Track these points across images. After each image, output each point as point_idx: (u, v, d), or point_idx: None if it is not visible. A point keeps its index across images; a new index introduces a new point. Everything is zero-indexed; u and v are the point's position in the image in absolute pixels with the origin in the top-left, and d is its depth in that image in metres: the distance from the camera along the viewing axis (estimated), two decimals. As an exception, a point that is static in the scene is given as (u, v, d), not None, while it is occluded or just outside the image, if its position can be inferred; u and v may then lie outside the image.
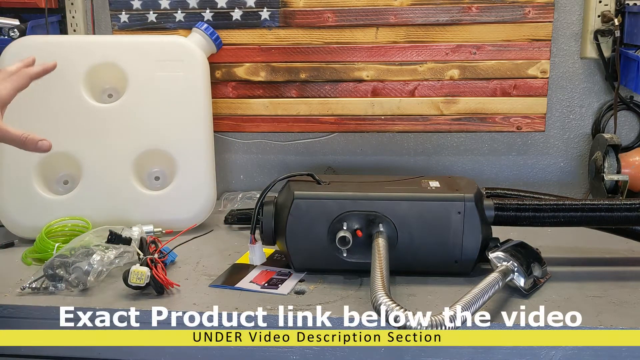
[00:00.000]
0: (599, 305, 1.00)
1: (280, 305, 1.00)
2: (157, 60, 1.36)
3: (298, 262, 1.11)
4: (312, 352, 0.98)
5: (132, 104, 1.35)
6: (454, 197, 1.07)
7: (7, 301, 1.03)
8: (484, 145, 1.56)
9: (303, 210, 1.08)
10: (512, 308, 0.99)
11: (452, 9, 1.45)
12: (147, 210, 1.33)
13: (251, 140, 1.59)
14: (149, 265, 1.06)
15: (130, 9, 1.51)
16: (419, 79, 1.49)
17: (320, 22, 1.48)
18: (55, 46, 1.37)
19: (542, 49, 1.45)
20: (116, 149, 1.34)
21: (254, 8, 1.49)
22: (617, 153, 1.42)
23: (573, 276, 1.11)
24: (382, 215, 1.07)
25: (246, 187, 1.60)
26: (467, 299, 0.89)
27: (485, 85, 1.48)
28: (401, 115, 1.51)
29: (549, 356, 0.94)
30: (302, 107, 1.53)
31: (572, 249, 1.23)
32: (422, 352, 0.97)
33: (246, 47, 1.51)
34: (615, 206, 1.10)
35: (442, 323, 0.83)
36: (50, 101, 1.33)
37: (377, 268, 0.95)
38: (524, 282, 1.02)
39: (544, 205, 1.11)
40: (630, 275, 1.12)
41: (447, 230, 1.07)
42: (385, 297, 0.86)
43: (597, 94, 1.51)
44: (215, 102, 1.48)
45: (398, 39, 1.48)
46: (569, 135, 1.54)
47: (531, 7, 1.43)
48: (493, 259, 1.04)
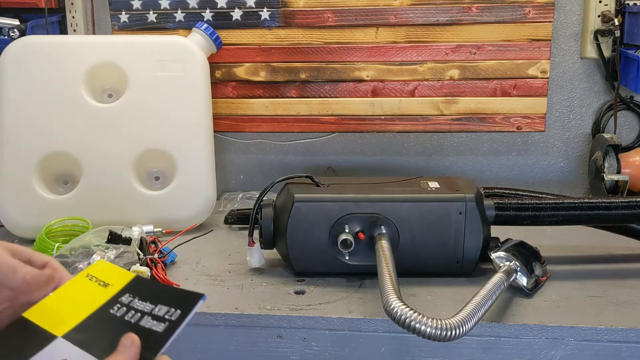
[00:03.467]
0: (599, 305, 1.00)
1: (281, 305, 1.00)
2: (157, 60, 1.36)
3: (299, 266, 1.10)
4: (312, 352, 0.98)
5: (132, 104, 1.35)
6: (455, 198, 1.07)
7: (7, 301, 1.03)
8: (484, 145, 1.56)
9: (304, 213, 1.07)
10: (512, 308, 0.99)
11: (452, 9, 1.45)
12: (147, 210, 1.32)
13: (251, 140, 1.59)
14: (149, 265, 1.07)
15: (130, 9, 1.51)
16: (419, 79, 1.49)
17: (320, 22, 1.48)
18: (55, 46, 1.37)
19: (542, 49, 1.45)
20: (116, 149, 1.34)
21: (254, 8, 1.49)
22: (617, 153, 1.42)
23: (573, 275, 1.11)
24: (384, 217, 1.06)
25: (246, 187, 1.59)
26: (476, 301, 0.88)
27: (485, 85, 1.48)
28: (401, 115, 1.51)
29: (549, 356, 0.95)
30: (302, 107, 1.53)
31: (571, 248, 1.23)
32: (422, 352, 0.97)
33: (246, 47, 1.51)
34: (614, 204, 1.10)
35: (455, 327, 0.82)
36: (50, 101, 1.33)
37: (385, 271, 0.94)
38: (526, 281, 1.02)
39: (544, 204, 1.11)
40: (630, 274, 1.12)
41: (449, 231, 1.07)
42: (397, 301, 0.85)
43: (597, 94, 1.51)
44: (215, 102, 1.48)
45: (398, 39, 1.48)
46: (569, 135, 1.54)
47: (531, 7, 1.43)
48: (495, 259, 1.03)
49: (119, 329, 0.64)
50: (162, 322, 0.64)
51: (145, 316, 0.65)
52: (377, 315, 0.96)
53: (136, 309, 0.66)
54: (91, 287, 0.70)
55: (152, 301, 0.66)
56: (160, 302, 0.66)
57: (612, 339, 0.93)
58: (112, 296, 0.68)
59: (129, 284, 0.70)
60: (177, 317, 0.64)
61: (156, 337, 0.63)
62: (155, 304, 0.66)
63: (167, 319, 0.64)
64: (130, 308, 0.66)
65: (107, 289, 0.69)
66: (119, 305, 0.67)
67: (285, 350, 0.98)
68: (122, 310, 0.66)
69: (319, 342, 0.98)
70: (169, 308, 0.65)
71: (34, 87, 1.34)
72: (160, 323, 0.64)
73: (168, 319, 0.64)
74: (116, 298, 0.68)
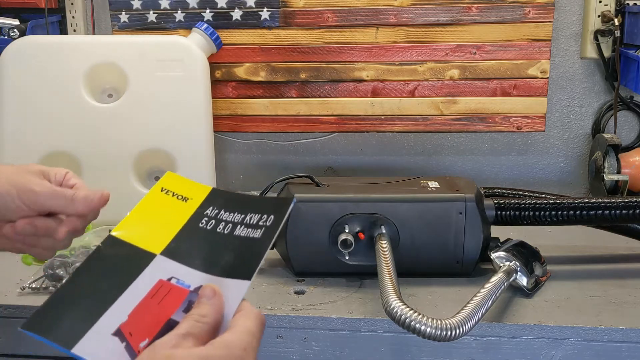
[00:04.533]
0: (599, 305, 1.00)
1: (281, 305, 1.00)
2: (157, 60, 1.36)
3: (299, 266, 1.10)
4: (312, 352, 0.98)
5: (132, 103, 1.35)
6: (455, 198, 1.07)
7: (7, 301, 1.03)
8: (484, 145, 1.56)
9: (304, 213, 1.07)
10: (512, 308, 0.99)
11: (452, 9, 1.45)
12: (147, 210, 1.32)
13: (251, 140, 1.59)
14: (149, 265, 1.06)
15: (130, 9, 1.51)
16: (419, 79, 1.49)
17: (320, 22, 1.48)
18: (55, 46, 1.37)
19: (542, 49, 1.45)
20: (116, 148, 1.34)
21: (254, 8, 1.49)
22: (617, 153, 1.42)
23: (573, 275, 1.11)
24: (384, 217, 1.06)
25: (246, 187, 1.59)
26: (476, 301, 0.88)
27: (485, 85, 1.48)
28: (401, 115, 1.51)
29: (549, 356, 0.95)
30: (302, 107, 1.53)
31: (571, 248, 1.23)
32: (422, 352, 0.97)
33: (246, 47, 1.51)
34: (614, 204, 1.10)
35: (455, 327, 0.82)
36: (50, 101, 1.33)
37: (385, 271, 0.94)
38: (526, 281, 1.02)
39: (544, 204, 1.11)
40: (630, 274, 1.12)
41: (449, 231, 1.07)
42: (397, 301, 0.85)
43: (597, 94, 1.51)
44: (215, 102, 1.48)
45: (398, 39, 1.48)
46: (569, 135, 1.54)
47: (531, 7, 1.43)
48: (495, 259, 1.03)
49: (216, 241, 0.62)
50: (258, 228, 0.62)
51: (239, 226, 0.63)
52: (377, 315, 0.96)
53: (227, 221, 0.64)
54: (170, 201, 0.68)
55: (240, 211, 0.64)
56: (250, 211, 0.64)
57: (612, 339, 0.93)
58: (195, 210, 0.66)
59: (209, 196, 0.67)
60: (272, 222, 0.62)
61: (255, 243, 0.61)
62: (245, 213, 0.64)
63: (262, 225, 0.62)
64: (220, 220, 0.64)
65: (187, 203, 0.67)
66: (206, 218, 0.65)
67: (285, 350, 0.98)
68: (212, 223, 0.64)
69: (319, 342, 0.98)
70: (261, 215, 0.63)
71: (34, 87, 1.34)
72: (257, 230, 0.62)
73: (263, 225, 0.62)
74: (201, 212, 0.65)
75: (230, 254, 0.61)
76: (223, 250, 0.62)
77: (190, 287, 0.59)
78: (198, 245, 0.63)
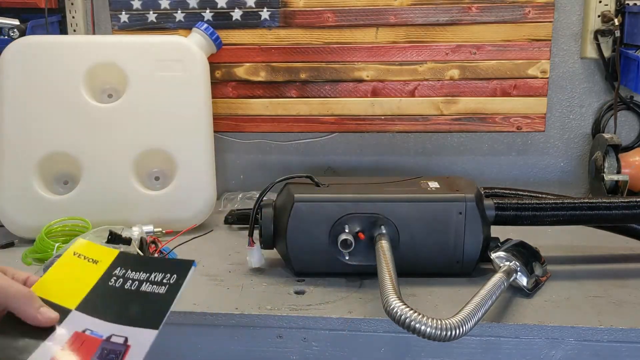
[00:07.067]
0: (599, 305, 1.00)
1: (281, 305, 1.00)
2: (157, 60, 1.36)
3: (299, 266, 1.10)
4: (312, 352, 0.98)
5: (132, 103, 1.35)
6: (455, 198, 1.07)
7: (7, 301, 1.03)
8: (484, 145, 1.56)
9: (304, 213, 1.07)
10: (512, 308, 0.99)
11: (452, 9, 1.45)
12: (147, 210, 1.32)
13: (251, 140, 1.59)
14: (149, 265, 1.06)
15: (130, 9, 1.51)
16: (419, 79, 1.49)
17: (320, 22, 1.48)
18: (55, 46, 1.37)
19: (542, 49, 1.45)
20: (116, 149, 1.34)
21: (254, 8, 1.49)
22: (617, 153, 1.42)
23: (573, 275, 1.11)
24: (384, 217, 1.06)
25: (246, 187, 1.59)
26: (476, 301, 0.88)
27: (485, 85, 1.48)
28: (401, 115, 1.51)
29: (549, 356, 0.95)
30: (302, 107, 1.53)
31: (571, 248, 1.23)
32: (422, 352, 0.97)
33: (246, 47, 1.51)
34: (614, 204, 1.10)
35: (455, 327, 0.82)
36: (50, 101, 1.33)
37: (385, 271, 0.94)
38: (526, 281, 1.02)
39: (544, 204, 1.11)
40: (630, 274, 1.12)
41: (449, 231, 1.07)
42: (397, 301, 0.85)
43: (597, 94, 1.51)
44: (215, 102, 1.48)
45: (398, 39, 1.48)
46: (569, 135, 1.54)
47: (531, 7, 1.43)
48: (495, 259, 1.03)
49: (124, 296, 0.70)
50: (162, 285, 0.70)
51: (144, 283, 0.70)
52: (377, 315, 0.96)
53: (133, 279, 0.72)
54: (82, 264, 0.75)
55: (145, 270, 0.72)
56: (154, 270, 0.72)
57: (612, 339, 0.93)
58: (104, 271, 0.74)
59: (117, 259, 0.75)
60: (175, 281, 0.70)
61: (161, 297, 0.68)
62: (149, 272, 0.72)
63: (165, 283, 0.70)
64: (127, 279, 0.72)
65: (97, 265, 0.74)
66: (115, 277, 0.72)
67: (285, 350, 0.98)
68: (120, 281, 0.72)
69: (319, 342, 0.98)
70: (164, 274, 0.71)
71: (33, 87, 1.34)
72: (161, 286, 0.70)
73: (167, 282, 0.70)
74: (109, 272, 0.73)
75: (138, 307, 0.69)
76: (131, 304, 0.70)
77: (103, 337, 0.66)
78: (109, 300, 0.71)
